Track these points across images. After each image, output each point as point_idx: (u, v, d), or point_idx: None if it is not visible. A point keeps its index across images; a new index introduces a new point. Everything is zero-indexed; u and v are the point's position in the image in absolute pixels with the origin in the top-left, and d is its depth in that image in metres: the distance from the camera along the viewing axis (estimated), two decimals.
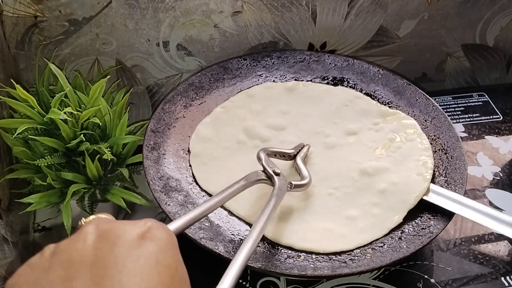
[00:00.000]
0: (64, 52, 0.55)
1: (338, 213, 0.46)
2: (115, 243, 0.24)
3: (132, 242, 0.24)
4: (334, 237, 0.45)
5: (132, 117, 0.63)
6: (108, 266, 0.23)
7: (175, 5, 0.55)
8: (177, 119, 0.54)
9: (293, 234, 0.45)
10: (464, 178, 0.48)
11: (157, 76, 0.60)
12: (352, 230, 0.45)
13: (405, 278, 0.47)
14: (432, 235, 0.43)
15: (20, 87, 0.44)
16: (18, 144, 0.45)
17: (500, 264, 0.48)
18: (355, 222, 0.46)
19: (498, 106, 0.66)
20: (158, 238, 0.24)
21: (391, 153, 0.51)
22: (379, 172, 0.49)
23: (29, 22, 0.52)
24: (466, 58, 0.70)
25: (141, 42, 0.57)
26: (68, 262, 0.23)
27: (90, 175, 0.46)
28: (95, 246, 0.24)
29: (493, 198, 0.54)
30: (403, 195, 0.47)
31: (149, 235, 0.24)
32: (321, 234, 0.45)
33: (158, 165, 0.49)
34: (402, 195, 0.47)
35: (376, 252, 0.43)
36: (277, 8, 0.58)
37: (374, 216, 0.46)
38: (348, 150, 0.52)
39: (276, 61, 0.60)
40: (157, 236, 0.24)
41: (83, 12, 0.53)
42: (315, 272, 0.41)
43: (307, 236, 0.45)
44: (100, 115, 0.47)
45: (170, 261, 0.24)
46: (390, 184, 0.48)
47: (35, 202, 0.45)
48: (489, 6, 0.64)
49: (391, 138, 0.52)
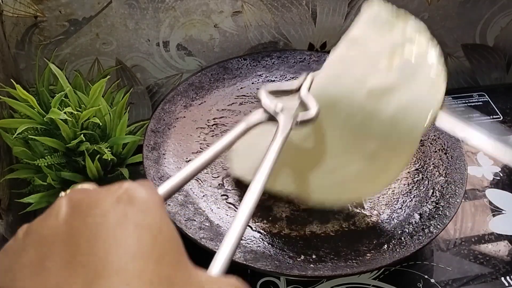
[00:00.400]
0: (64, 52, 0.55)
1: (357, 150, 0.41)
2: (87, 213, 0.21)
3: (106, 209, 0.21)
4: (366, 178, 0.41)
5: (132, 117, 0.63)
6: (82, 239, 0.20)
7: (175, 5, 0.55)
8: (177, 119, 0.54)
9: (321, 189, 0.42)
10: (464, 178, 0.48)
11: (157, 76, 0.60)
12: (381, 165, 0.41)
13: (405, 278, 0.47)
14: (432, 235, 0.43)
15: (20, 87, 0.44)
16: (18, 144, 0.45)
17: (500, 264, 0.48)
18: (378, 155, 0.41)
19: (498, 106, 0.66)
20: (135, 198, 0.22)
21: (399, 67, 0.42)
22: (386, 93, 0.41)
23: (29, 22, 0.52)
24: (466, 58, 0.70)
25: (141, 42, 0.57)
26: (40, 241, 0.21)
27: (90, 175, 0.46)
28: (67, 220, 0.21)
29: (493, 198, 0.54)
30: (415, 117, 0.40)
31: (125, 197, 0.22)
32: (350, 181, 0.41)
33: (158, 165, 0.49)
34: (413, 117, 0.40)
35: (376, 252, 0.43)
36: (277, 8, 0.58)
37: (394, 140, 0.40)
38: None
39: (276, 61, 0.60)
40: (135, 197, 0.22)
41: (83, 12, 0.53)
42: (315, 272, 0.41)
43: (337, 188, 0.41)
44: (100, 115, 0.47)
45: (151, 222, 0.21)
46: (399, 107, 0.41)
47: (35, 202, 0.45)
48: (489, 6, 0.64)
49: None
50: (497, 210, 0.53)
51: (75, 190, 0.23)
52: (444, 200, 0.47)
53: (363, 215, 0.47)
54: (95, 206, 0.21)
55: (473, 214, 0.53)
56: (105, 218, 0.21)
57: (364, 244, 0.44)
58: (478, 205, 0.54)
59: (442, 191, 0.48)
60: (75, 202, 0.22)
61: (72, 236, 0.21)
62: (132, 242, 0.20)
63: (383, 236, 0.45)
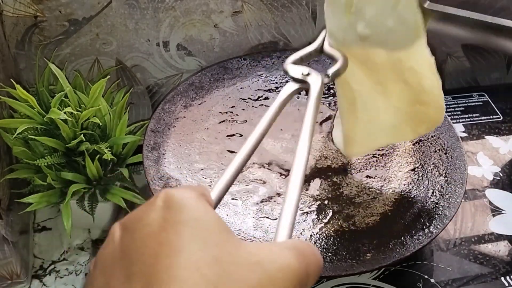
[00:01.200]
0: (64, 52, 0.55)
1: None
2: (134, 229, 0.22)
3: (148, 220, 0.22)
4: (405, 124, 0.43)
5: (132, 117, 0.63)
6: (133, 252, 0.22)
7: (175, 5, 0.55)
8: (177, 119, 0.54)
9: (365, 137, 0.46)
10: (464, 178, 0.48)
11: (157, 76, 0.60)
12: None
13: (405, 278, 0.47)
14: (432, 235, 0.43)
15: (20, 87, 0.44)
16: (18, 144, 0.45)
17: (500, 264, 0.48)
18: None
19: (498, 106, 0.66)
20: (171, 201, 0.23)
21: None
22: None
23: (29, 22, 0.52)
24: (466, 58, 0.70)
25: (141, 42, 0.57)
26: (104, 267, 0.23)
27: (90, 175, 0.46)
28: (121, 240, 0.23)
29: (493, 198, 0.54)
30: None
31: (161, 204, 0.23)
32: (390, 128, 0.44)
33: (158, 165, 0.49)
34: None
35: (376, 252, 0.43)
36: (277, 8, 0.58)
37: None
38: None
39: (276, 61, 0.60)
40: (171, 200, 0.23)
41: (83, 12, 0.53)
42: None
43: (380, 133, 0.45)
44: (100, 115, 0.47)
45: (187, 217, 0.22)
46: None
47: (35, 202, 0.45)
48: (489, 6, 0.64)
49: None
50: (497, 210, 0.53)
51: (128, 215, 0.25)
52: (444, 200, 0.47)
53: (363, 215, 0.47)
54: (140, 220, 0.23)
55: (473, 214, 0.53)
56: (149, 227, 0.22)
57: (364, 244, 0.44)
58: (478, 205, 0.54)
59: (442, 191, 0.48)
60: (125, 224, 0.23)
61: (125, 253, 0.22)
62: (174, 239, 0.21)
63: (383, 236, 0.45)
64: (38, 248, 0.51)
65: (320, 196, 0.49)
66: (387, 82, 0.42)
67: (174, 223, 0.22)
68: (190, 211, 0.23)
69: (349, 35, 0.39)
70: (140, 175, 0.56)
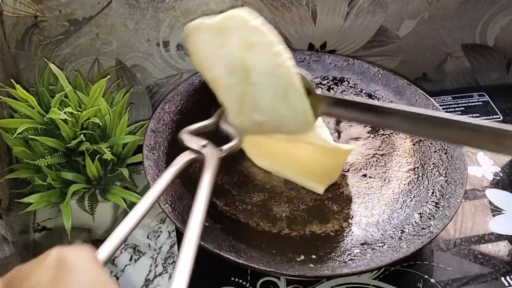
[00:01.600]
0: (64, 52, 0.55)
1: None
2: None
3: (37, 280, 0.22)
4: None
5: (132, 117, 0.63)
6: None
7: (175, 5, 0.55)
8: (177, 119, 0.54)
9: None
10: (464, 178, 0.48)
11: (157, 76, 0.60)
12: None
13: (405, 278, 0.47)
14: (432, 235, 0.43)
15: (20, 87, 0.44)
16: (18, 144, 0.45)
17: (500, 264, 0.48)
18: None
19: (498, 106, 0.66)
20: (65, 261, 0.23)
21: None
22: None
23: (29, 22, 0.52)
24: (466, 58, 0.70)
25: (141, 42, 0.57)
26: None
27: (90, 175, 0.46)
28: None
29: (493, 198, 0.54)
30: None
31: (53, 264, 0.23)
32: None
33: (158, 165, 0.49)
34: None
35: (376, 252, 0.43)
36: (277, 8, 0.58)
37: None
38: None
39: None
40: (64, 260, 0.23)
41: (83, 12, 0.53)
42: (315, 272, 0.41)
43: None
44: (100, 115, 0.47)
45: (81, 279, 0.22)
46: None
47: (35, 202, 0.45)
48: (489, 6, 0.64)
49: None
50: (497, 210, 0.53)
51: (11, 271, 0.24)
52: (444, 200, 0.47)
53: (363, 215, 0.47)
54: (26, 279, 0.22)
55: (473, 214, 0.53)
56: (38, 287, 0.22)
57: (364, 244, 0.44)
58: (478, 205, 0.54)
59: (442, 191, 0.48)
60: (9, 282, 0.23)
61: None
62: None
63: (384, 236, 0.45)
64: (38, 248, 0.51)
65: (320, 196, 0.49)
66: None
67: (66, 285, 0.22)
68: (83, 274, 0.23)
69: (245, 121, 0.42)
70: (140, 175, 0.56)
